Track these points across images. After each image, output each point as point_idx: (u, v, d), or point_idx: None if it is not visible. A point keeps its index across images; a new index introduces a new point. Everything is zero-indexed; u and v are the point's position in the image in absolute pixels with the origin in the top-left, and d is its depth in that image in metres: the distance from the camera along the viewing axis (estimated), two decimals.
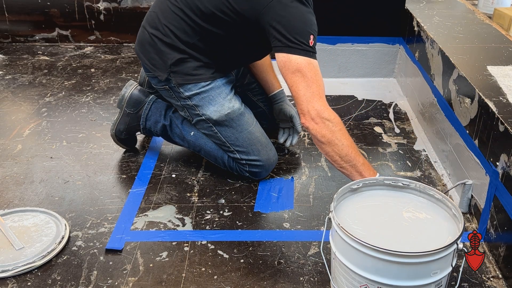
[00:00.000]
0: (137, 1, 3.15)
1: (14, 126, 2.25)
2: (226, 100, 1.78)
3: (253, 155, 1.81)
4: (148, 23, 1.80)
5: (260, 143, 1.82)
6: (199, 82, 1.75)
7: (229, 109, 1.78)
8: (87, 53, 3.11)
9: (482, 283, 1.42)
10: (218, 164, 1.90)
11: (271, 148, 1.86)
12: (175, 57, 1.73)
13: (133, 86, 1.96)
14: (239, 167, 1.84)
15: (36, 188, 1.83)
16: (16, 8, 3.16)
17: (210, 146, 1.87)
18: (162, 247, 1.55)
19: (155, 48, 1.76)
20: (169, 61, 1.74)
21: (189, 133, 1.89)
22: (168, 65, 1.74)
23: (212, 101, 1.77)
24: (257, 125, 1.86)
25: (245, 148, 1.80)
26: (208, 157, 1.91)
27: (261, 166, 1.82)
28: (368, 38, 2.62)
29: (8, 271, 1.44)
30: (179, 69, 1.74)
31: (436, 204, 1.32)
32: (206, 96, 1.77)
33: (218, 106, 1.77)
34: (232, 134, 1.80)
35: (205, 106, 1.77)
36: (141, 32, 1.84)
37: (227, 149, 1.83)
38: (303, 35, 1.57)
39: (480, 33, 2.17)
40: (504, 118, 1.47)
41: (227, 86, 1.81)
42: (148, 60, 1.80)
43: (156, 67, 1.78)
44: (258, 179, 1.86)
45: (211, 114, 1.78)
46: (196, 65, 1.74)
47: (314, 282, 1.42)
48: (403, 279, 1.15)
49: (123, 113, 1.96)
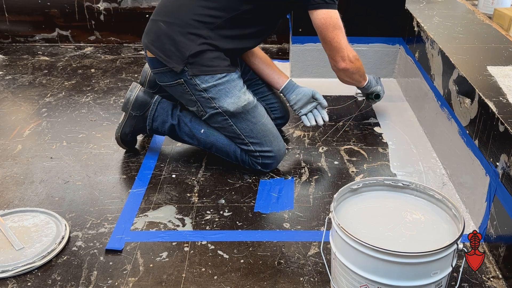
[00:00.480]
0: (137, 1, 3.15)
1: (14, 126, 2.25)
2: (242, 93, 1.82)
3: (266, 146, 1.84)
4: (164, 14, 1.82)
5: (272, 134, 1.87)
6: (216, 73, 1.78)
7: (245, 101, 1.81)
8: (87, 54, 3.11)
9: (482, 283, 1.42)
10: (230, 159, 1.91)
11: (281, 140, 1.91)
12: (194, 48, 1.75)
13: (137, 88, 1.96)
14: (251, 160, 1.87)
15: (36, 189, 1.83)
16: (16, 8, 3.16)
17: (222, 142, 1.88)
18: (162, 247, 1.55)
19: (172, 39, 1.77)
20: (187, 52, 1.75)
21: (199, 130, 1.90)
22: (186, 56, 1.75)
23: (228, 93, 1.79)
24: (268, 117, 1.90)
25: (259, 139, 1.84)
26: (220, 153, 1.92)
27: (273, 157, 1.86)
28: (368, 38, 2.62)
29: (8, 272, 1.44)
30: (196, 60, 1.76)
31: (436, 205, 1.32)
32: (222, 89, 1.79)
33: (235, 98, 1.80)
34: (247, 126, 1.83)
35: (222, 98, 1.79)
36: (153, 24, 1.84)
37: (241, 141, 1.85)
38: None
39: (480, 33, 2.17)
40: (504, 118, 1.47)
41: (240, 80, 1.85)
42: (162, 51, 1.79)
43: (171, 58, 1.78)
44: (269, 171, 1.90)
45: (228, 106, 1.80)
46: (213, 56, 1.77)
47: (314, 282, 1.42)
48: (403, 279, 1.15)
49: (128, 116, 1.96)
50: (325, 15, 1.79)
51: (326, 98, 2.43)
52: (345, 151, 2.06)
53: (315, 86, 2.07)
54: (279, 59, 2.96)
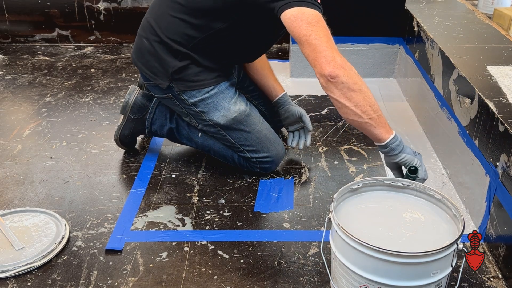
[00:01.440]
0: (137, 1, 3.15)
1: (14, 126, 2.25)
2: (232, 104, 1.78)
3: (263, 152, 1.82)
4: (146, 31, 1.77)
5: (269, 140, 1.84)
6: (202, 88, 1.74)
7: (235, 113, 1.77)
8: (87, 53, 3.11)
9: (482, 283, 1.42)
10: (228, 162, 1.90)
11: (279, 143, 1.87)
12: (176, 65, 1.71)
13: (136, 91, 1.95)
14: (249, 164, 1.86)
15: (36, 188, 1.83)
16: (16, 8, 3.16)
17: (219, 146, 1.88)
18: (162, 247, 1.55)
19: (155, 56, 1.74)
20: (170, 69, 1.72)
21: (196, 134, 1.89)
22: (169, 73, 1.73)
23: (217, 106, 1.76)
24: (264, 122, 1.86)
25: (254, 147, 1.82)
26: (218, 156, 1.92)
27: (271, 161, 1.85)
28: (368, 38, 2.62)
29: (8, 271, 1.44)
30: (180, 76, 1.73)
31: (436, 205, 1.32)
32: (211, 102, 1.76)
33: (224, 110, 1.77)
34: (241, 135, 1.81)
35: (211, 112, 1.77)
36: (139, 40, 1.81)
37: (237, 149, 1.84)
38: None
39: (480, 33, 2.17)
40: (504, 118, 1.47)
41: (230, 89, 1.80)
42: (148, 69, 1.78)
43: (157, 75, 1.76)
44: (269, 173, 1.89)
45: (217, 119, 1.77)
46: (197, 70, 1.73)
47: (314, 282, 1.42)
48: (403, 279, 1.15)
49: (127, 119, 1.95)
50: (296, 12, 1.48)
51: (326, 98, 2.44)
52: (345, 151, 2.06)
53: (315, 86, 2.06)
54: (279, 59, 2.96)
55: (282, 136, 2.15)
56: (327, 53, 1.46)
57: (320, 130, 2.21)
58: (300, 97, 2.48)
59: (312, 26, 1.48)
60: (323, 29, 1.49)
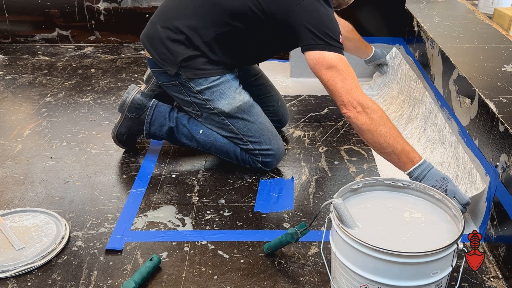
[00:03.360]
0: (137, 1, 3.15)
1: (14, 126, 2.25)
2: (237, 93, 1.82)
3: (265, 144, 1.85)
4: (161, 19, 1.82)
5: (271, 132, 1.88)
6: (209, 76, 1.79)
7: (240, 101, 1.82)
8: (87, 53, 3.11)
9: (482, 283, 1.42)
10: (230, 159, 1.91)
11: (280, 138, 1.92)
12: (186, 53, 1.76)
13: (135, 90, 1.96)
14: (251, 158, 1.87)
15: (36, 188, 1.83)
16: (16, 8, 3.16)
17: (222, 141, 1.89)
18: (162, 247, 1.55)
19: (166, 44, 1.78)
20: (180, 57, 1.77)
21: (197, 131, 1.90)
22: (178, 60, 1.77)
23: (223, 95, 1.81)
24: (266, 116, 1.91)
25: (257, 138, 1.85)
26: (219, 153, 1.92)
27: (273, 155, 1.87)
28: (368, 38, 2.61)
29: (8, 271, 1.44)
30: (189, 63, 1.78)
31: (436, 205, 1.32)
32: (217, 90, 1.80)
33: (230, 99, 1.81)
34: (245, 125, 1.84)
35: (216, 99, 1.81)
36: (152, 27, 1.84)
37: (240, 141, 1.86)
38: (335, 33, 1.64)
39: (480, 33, 2.17)
40: (504, 118, 1.47)
41: (235, 81, 1.85)
42: (158, 54, 1.81)
43: (165, 61, 1.80)
44: (270, 169, 1.91)
45: (223, 107, 1.81)
46: (205, 60, 1.78)
47: (314, 282, 1.42)
48: (403, 279, 1.15)
49: (124, 117, 1.96)
50: (317, 56, 1.63)
51: (326, 98, 2.44)
52: (345, 151, 2.06)
53: (315, 86, 2.07)
54: (279, 59, 2.96)
55: (282, 136, 2.15)
56: (343, 98, 1.61)
57: (320, 130, 2.21)
58: (300, 97, 2.48)
59: (330, 71, 1.62)
60: (341, 73, 1.62)
